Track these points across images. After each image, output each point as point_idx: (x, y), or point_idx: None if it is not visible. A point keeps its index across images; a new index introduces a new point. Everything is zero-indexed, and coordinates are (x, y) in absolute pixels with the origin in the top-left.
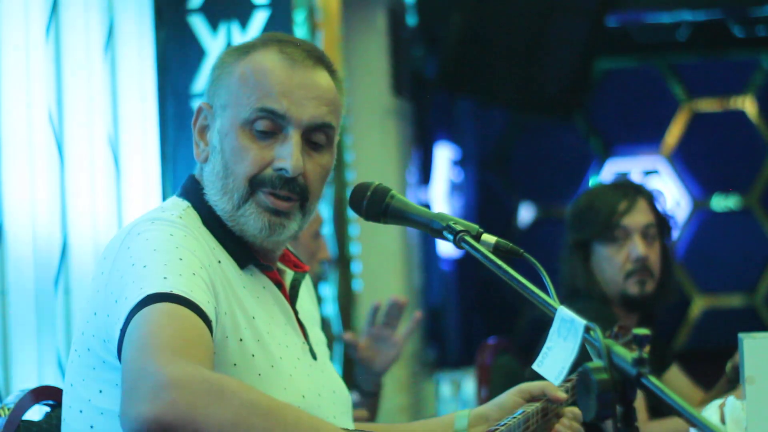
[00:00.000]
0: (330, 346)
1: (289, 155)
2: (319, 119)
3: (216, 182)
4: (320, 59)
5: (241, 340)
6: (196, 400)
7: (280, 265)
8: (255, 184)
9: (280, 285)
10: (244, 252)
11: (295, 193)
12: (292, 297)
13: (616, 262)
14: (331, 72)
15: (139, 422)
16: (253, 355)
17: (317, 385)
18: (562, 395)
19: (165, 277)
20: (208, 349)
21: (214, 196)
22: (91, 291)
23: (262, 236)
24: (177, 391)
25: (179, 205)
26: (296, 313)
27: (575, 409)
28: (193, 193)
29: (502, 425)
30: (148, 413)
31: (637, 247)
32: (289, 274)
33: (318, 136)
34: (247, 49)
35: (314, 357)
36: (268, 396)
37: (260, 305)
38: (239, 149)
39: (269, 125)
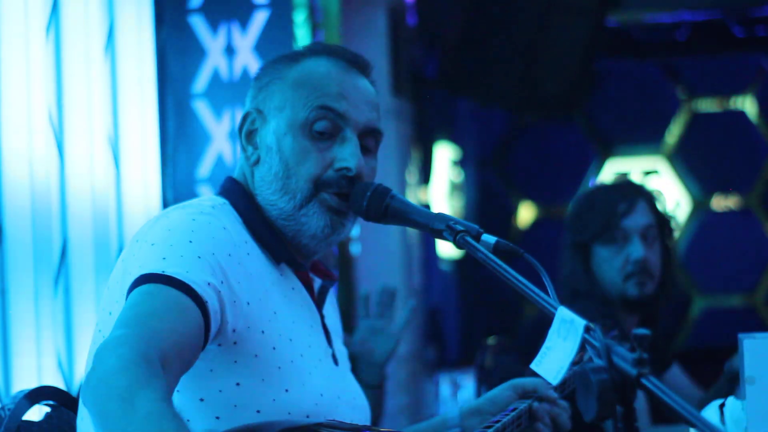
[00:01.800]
0: None
1: (351, 155)
2: (373, 123)
3: (274, 182)
4: (368, 66)
5: (263, 332)
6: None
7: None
8: (320, 185)
9: (309, 288)
10: (282, 248)
11: None
12: (319, 302)
13: (615, 264)
14: (372, 81)
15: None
16: (274, 348)
17: (337, 387)
18: (553, 394)
19: (164, 258)
20: (181, 325)
21: (271, 196)
22: (121, 271)
23: (324, 235)
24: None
25: (216, 199)
26: (323, 317)
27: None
28: (233, 191)
29: (496, 421)
30: (84, 399)
31: (637, 248)
32: (316, 282)
33: (368, 141)
34: (296, 56)
35: (336, 363)
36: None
37: (286, 303)
38: (300, 149)
39: (328, 126)
